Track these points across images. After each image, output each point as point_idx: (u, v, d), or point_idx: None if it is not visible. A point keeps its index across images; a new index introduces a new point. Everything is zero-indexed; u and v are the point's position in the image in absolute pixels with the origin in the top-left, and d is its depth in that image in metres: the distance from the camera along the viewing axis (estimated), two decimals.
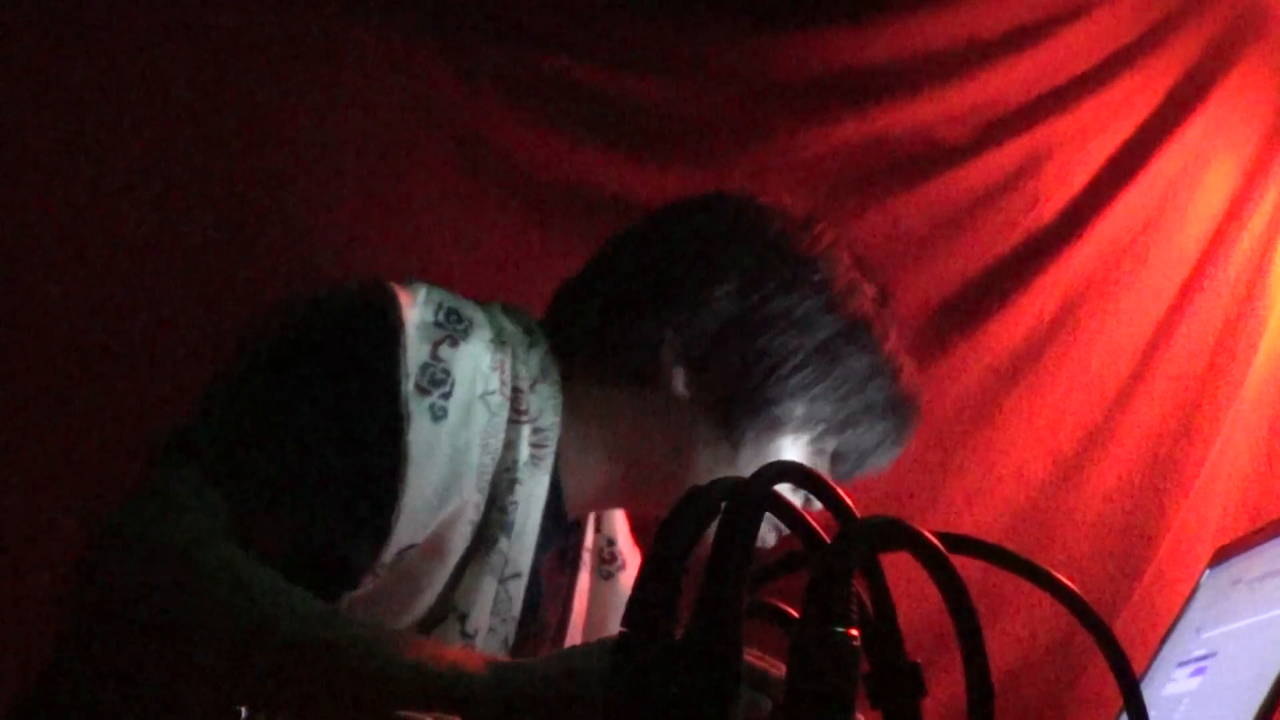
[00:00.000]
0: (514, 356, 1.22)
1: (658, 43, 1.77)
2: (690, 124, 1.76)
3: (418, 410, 1.13)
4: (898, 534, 0.62)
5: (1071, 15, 1.80)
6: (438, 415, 1.14)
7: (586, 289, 1.33)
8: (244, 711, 0.85)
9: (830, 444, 1.31)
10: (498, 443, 1.18)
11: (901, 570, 0.66)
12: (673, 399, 1.27)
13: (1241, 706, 1.03)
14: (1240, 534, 1.51)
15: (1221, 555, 1.41)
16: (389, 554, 1.12)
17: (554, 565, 1.33)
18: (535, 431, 1.21)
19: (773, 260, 1.27)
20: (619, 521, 1.43)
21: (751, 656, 0.88)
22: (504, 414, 1.19)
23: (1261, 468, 1.76)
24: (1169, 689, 1.24)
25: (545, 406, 1.22)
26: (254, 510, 1.09)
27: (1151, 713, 0.68)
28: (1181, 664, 1.26)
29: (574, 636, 1.36)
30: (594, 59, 1.75)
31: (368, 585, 1.12)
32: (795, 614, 0.63)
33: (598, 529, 1.42)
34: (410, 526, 1.12)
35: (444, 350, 1.15)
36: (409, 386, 1.13)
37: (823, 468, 1.31)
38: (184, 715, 1.07)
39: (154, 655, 1.06)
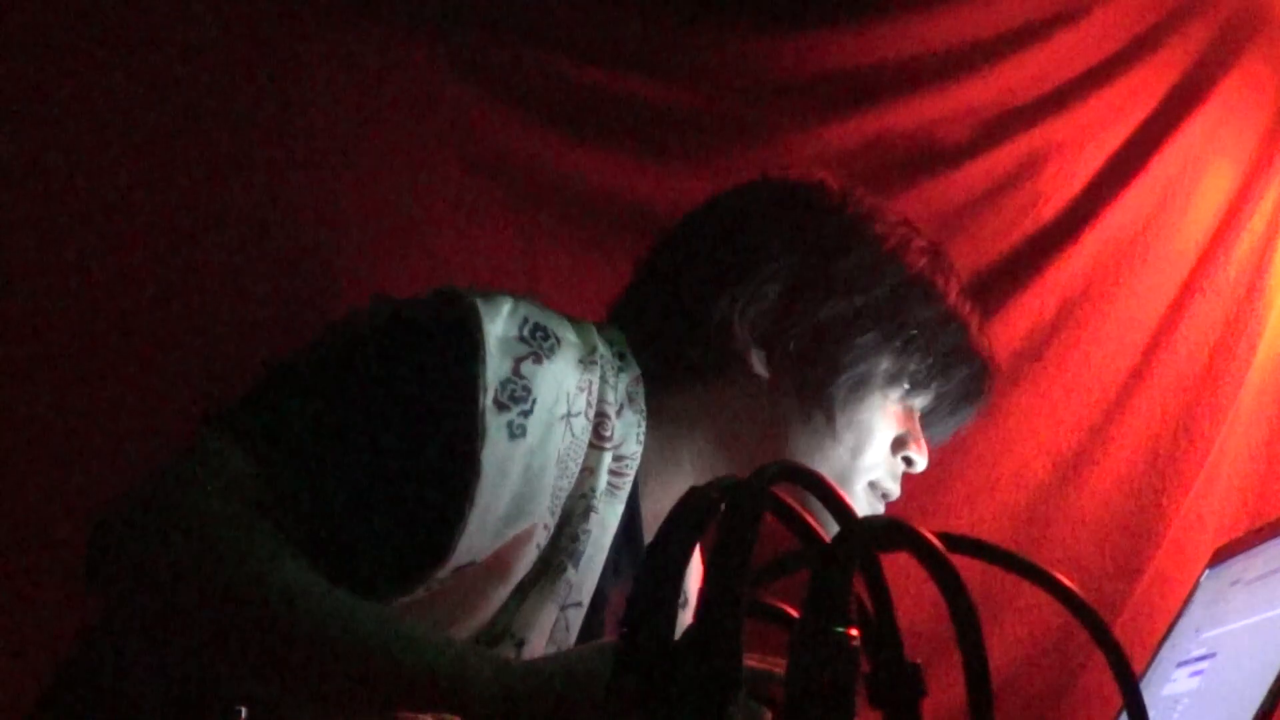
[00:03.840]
0: (603, 379, 1.19)
1: (658, 43, 1.77)
2: (690, 124, 1.76)
3: (494, 426, 1.09)
4: (898, 534, 0.62)
5: (1071, 15, 1.80)
6: (515, 433, 1.10)
7: (645, 295, 1.31)
8: (244, 711, 0.85)
9: (917, 400, 1.31)
10: (576, 466, 1.15)
11: (901, 570, 0.66)
12: (756, 383, 1.26)
13: (1241, 707, 1.03)
14: (1240, 534, 1.51)
15: (1221, 555, 1.41)
16: (446, 570, 1.08)
17: (625, 596, 1.31)
18: (616, 459, 1.19)
19: (822, 226, 1.28)
20: (693, 560, 1.42)
21: (751, 659, 0.88)
22: (586, 438, 1.16)
23: (1261, 468, 1.76)
24: (1169, 689, 1.24)
25: (629, 434, 1.20)
26: (302, 505, 1.06)
27: (1151, 713, 0.68)
28: (1181, 664, 1.26)
29: None
30: (594, 59, 1.75)
31: (419, 595, 1.09)
32: (795, 614, 0.63)
33: None
34: (473, 543, 1.08)
35: (526, 367, 1.12)
36: (487, 401, 1.09)
37: (916, 429, 1.31)
38: (201, 686, 1.06)
39: (170, 627, 1.05)
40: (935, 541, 0.62)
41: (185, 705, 1.06)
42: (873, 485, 1.30)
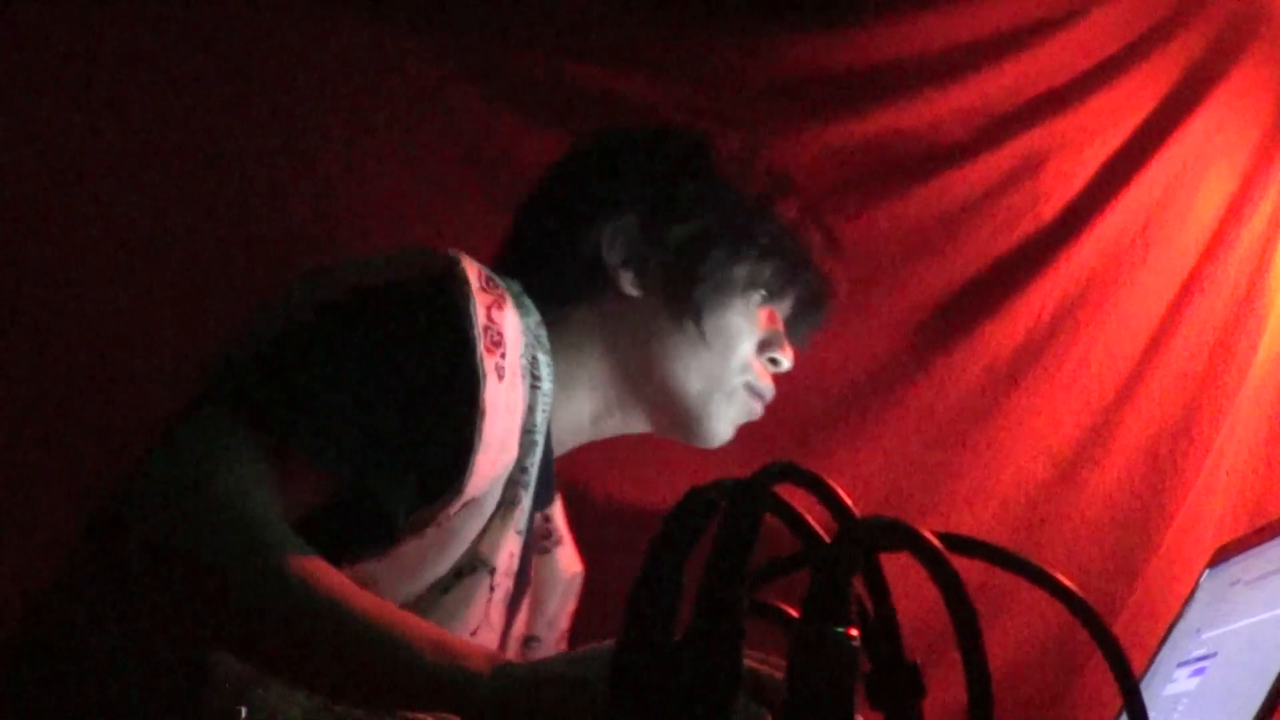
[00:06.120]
0: (527, 324, 1.26)
1: (658, 43, 1.77)
2: (690, 124, 1.76)
3: (489, 368, 1.16)
4: (898, 534, 0.62)
5: (1071, 15, 1.81)
6: (500, 374, 1.18)
7: (526, 240, 1.41)
8: (244, 711, 0.85)
9: (779, 306, 1.43)
10: (524, 404, 1.23)
11: (901, 570, 0.66)
12: (629, 300, 1.36)
13: (1241, 707, 1.03)
14: (1240, 534, 1.51)
15: (1221, 555, 1.41)
16: (456, 506, 1.15)
17: (544, 519, 1.41)
18: (543, 396, 1.27)
19: (671, 153, 1.40)
20: (556, 500, 1.47)
21: (751, 659, 0.88)
22: (529, 377, 1.24)
23: (1261, 468, 1.76)
24: (1169, 689, 1.24)
25: (545, 373, 1.28)
26: (308, 462, 1.08)
27: (1151, 713, 0.68)
28: (1181, 664, 1.26)
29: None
30: (593, 59, 1.75)
31: (428, 535, 1.15)
32: (795, 614, 0.63)
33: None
34: (478, 480, 1.15)
35: (495, 313, 1.19)
36: (481, 345, 1.16)
37: (780, 332, 1.43)
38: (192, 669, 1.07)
39: (180, 609, 1.04)
40: (935, 541, 0.62)
41: (174, 693, 1.07)
42: (749, 387, 1.41)
